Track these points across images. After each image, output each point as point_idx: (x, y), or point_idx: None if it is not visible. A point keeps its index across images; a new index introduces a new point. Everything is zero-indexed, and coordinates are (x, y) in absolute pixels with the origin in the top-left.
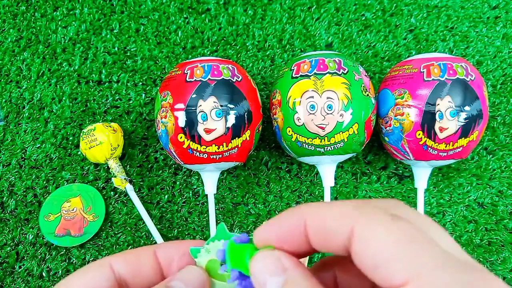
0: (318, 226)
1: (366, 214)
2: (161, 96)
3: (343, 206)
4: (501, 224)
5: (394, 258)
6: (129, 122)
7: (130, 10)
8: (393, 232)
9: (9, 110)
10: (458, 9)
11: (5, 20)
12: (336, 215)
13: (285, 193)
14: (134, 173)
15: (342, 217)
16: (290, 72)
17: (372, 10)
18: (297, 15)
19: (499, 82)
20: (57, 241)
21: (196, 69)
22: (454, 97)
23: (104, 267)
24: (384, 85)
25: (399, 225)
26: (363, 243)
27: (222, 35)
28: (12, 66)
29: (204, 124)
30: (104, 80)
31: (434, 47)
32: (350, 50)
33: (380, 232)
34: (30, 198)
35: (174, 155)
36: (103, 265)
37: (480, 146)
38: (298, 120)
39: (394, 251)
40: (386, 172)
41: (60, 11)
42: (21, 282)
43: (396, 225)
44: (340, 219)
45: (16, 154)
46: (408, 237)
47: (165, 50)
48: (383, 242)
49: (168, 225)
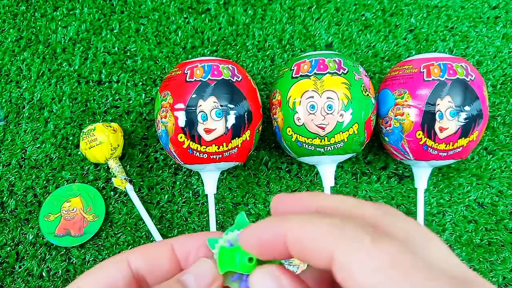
0: (297, 244)
1: (346, 239)
2: (161, 96)
3: (324, 225)
4: (501, 224)
5: (374, 286)
6: (129, 122)
7: (130, 10)
8: (374, 258)
9: (9, 110)
10: (458, 9)
11: (5, 20)
12: (317, 236)
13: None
14: (134, 173)
15: (322, 239)
16: (290, 72)
17: (372, 10)
18: (297, 15)
19: (499, 82)
20: (57, 241)
21: (196, 69)
22: (454, 97)
23: (120, 263)
24: (384, 85)
25: (381, 248)
26: (343, 272)
27: (222, 35)
28: (12, 66)
29: (204, 124)
30: (104, 80)
31: (434, 47)
32: (350, 50)
33: (360, 259)
34: (30, 198)
35: (174, 155)
36: (119, 261)
37: (480, 146)
38: (298, 120)
39: (374, 279)
40: (386, 172)
41: (60, 11)
42: (21, 282)
43: (377, 248)
44: (320, 242)
45: (16, 154)
46: (390, 262)
47: (165, 50)
48: (364, 270)
49: (168, 225)
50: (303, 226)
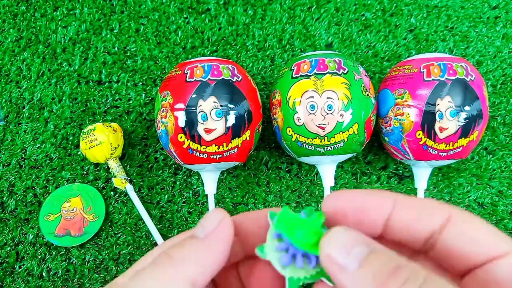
0: (409, 213)
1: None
2: (161, 96)
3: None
4: (501, 224)
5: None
6: (129, 122)
7: (130, 10)
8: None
9: (9, 110)
10: (458, 9)
11: (5, 20)
12: (429, 206)
13: (285, 193)
14: (134, 173)
15: (436, 208)
16: (290, 72)
17: (372, 10)
18: (297, 15)
19: (499, 82)
20: (57, 241)
21: (196, 69)
22: (454, 97)
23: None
24: (384, 85)
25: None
26: (464, 224)
27: (222, 35)
28: (12, 66)
29: (204, 124)
30: (104, 80)
31: (434, 47)
32: (350, 50)
33: (475, 218)
34: (30, 198)
35: (174, 155)
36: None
37: (480, 146)
38: (298, 120)
39: (493, 230)
40: (386, 172)
41: (60, 11)
42: (21, 282)
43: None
44: (435, 209)
45: (16, 154)
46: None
47: (165, 50)
48: (481, 224)
49: (168, 225)
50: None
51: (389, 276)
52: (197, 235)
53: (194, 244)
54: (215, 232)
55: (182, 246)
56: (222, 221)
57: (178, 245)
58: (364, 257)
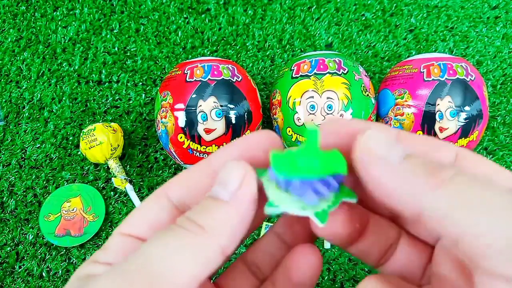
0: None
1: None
2: (161, 96)
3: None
4: None
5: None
6: (129, 122)
7: (130, 10)
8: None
9: (9, 110)
10: (458, 9)
11: (5, 20)
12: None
13: None
14: (134, 173)
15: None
16: (290, 72)
17: (372, 10)
18: (297, 15)
19: (499, 82)
20: (57, 241)
21: (196, 69)
22: (454, 97)
23: (160, 198)
24: (384, 85)
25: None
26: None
27: (222, 35)
28: (12, 66)
29: (204, 124)
30: (104, 80)
31: (434, 47)
32: (350, 50)
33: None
34: (30, 198)
35: (174, 155)
36: (158, 196)
37: (480, 146)
38: (298, 120)
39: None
40: None
41: (60, 11)
42: (21, 282)
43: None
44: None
45: (16, 154)
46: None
47: (165, 50)
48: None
49: None
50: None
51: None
52: (221, 197)
53: (223, 210)
54: (241, 193)
55: (210, 212)
56: (246, 176)
57: (205, 211)
58: (406, 155)
